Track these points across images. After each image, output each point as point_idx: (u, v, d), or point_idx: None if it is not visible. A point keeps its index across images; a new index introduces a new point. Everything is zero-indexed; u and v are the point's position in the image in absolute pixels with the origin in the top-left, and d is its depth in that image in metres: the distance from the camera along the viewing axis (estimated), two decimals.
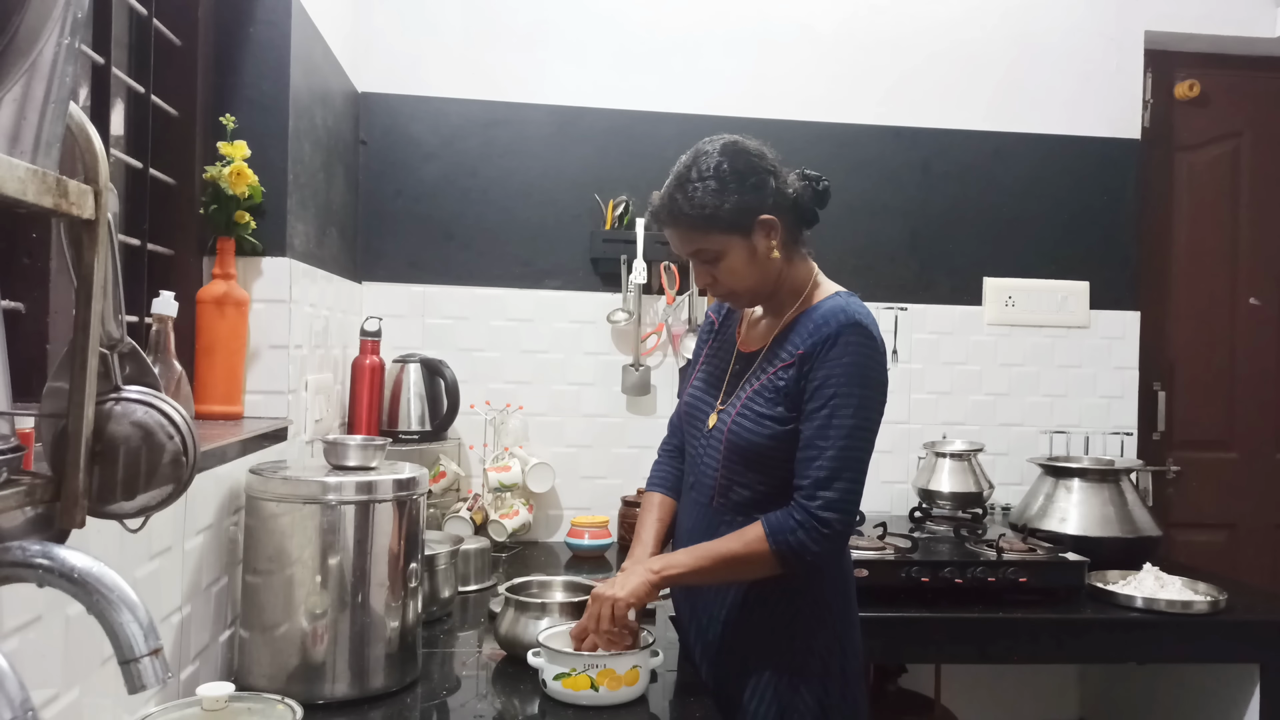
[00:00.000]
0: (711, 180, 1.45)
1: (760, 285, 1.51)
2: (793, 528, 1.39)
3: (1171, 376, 2.95)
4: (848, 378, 1.41)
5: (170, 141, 1.70)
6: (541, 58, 2.68)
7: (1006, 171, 2.82)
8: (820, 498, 1.39)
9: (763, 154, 1.50)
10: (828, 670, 1.49)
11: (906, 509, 2.59)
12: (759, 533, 1.42)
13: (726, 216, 1.45)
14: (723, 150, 1.48)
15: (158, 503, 0.90)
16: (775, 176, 1.49)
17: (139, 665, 0.76)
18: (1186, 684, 2.30)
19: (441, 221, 2.66)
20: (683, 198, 1.46)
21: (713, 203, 1.44)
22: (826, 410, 1.41)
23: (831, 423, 1.41)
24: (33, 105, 0.72)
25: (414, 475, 1.49)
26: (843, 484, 1.40)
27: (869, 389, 1.43)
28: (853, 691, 1.52)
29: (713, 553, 1.45)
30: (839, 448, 1.40)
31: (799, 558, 1.39)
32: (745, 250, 1.47)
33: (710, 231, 1.46)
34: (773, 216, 1.47)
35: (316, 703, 1.36)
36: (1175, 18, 2.85)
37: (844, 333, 1.42)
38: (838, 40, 2.76)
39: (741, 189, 1.45)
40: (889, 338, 2.78)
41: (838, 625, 1.51)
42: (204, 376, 1.69)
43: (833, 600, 1.52)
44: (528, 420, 2.66)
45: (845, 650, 1.52)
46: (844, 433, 1.40)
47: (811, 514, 1.39)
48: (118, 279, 0.88)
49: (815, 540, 1.39)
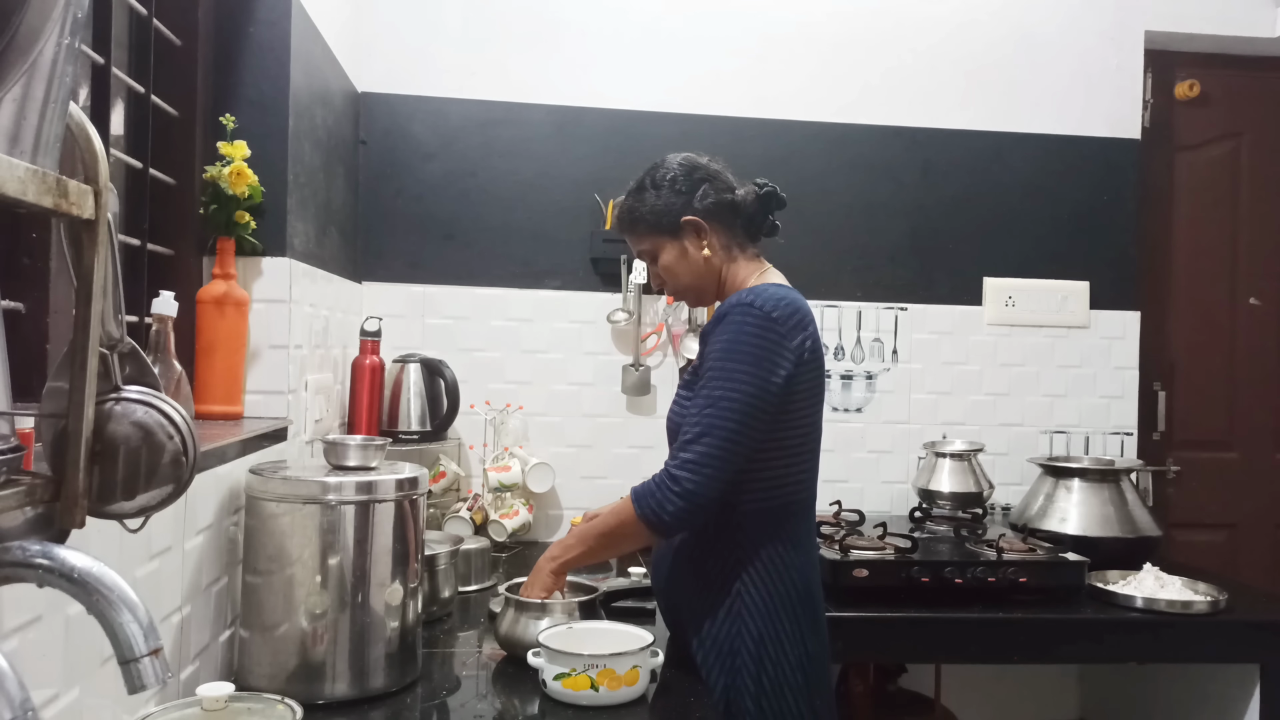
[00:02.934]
0: (647, 189, 1.63)
1: (698, 283, 1.64)
2: (651, 490, 1.50)
3: (1171, 376, 2.95)
4: (722, 352, 1.50)
5: (170, 141, 1.69)
6: (541, 58, 2.68)
7: (1006, 171, 2.82)
8: (679, 458, 1.49)
9: (700, 164, 1.64)
10: (771, 666, 1.52)
11: (906, 509, 2.59)
12: (626, 500, 1.54)
13: (650, 218, 1.62)
14: (669, 162, 1.64)
15: (158, 503, 0.90)
16: (711, 181, 1.61)
17: (139, 665, 0.76)
18: (1186, 684, 2.30)
19: (441, 221, 2.66)
20: (623, 203, 1.67)
21: (638, 206, 1.63)
22: (702, 382, 1.52)
23: (703, 393, 1.50)
24: (33, 105, 0.72)
25: (414, 475, 1.49)
26: (701, 447, 1.47)
27: (739, 361, 1.49)
28: (819, 696, 1.55)
29: (594, 530, 1.59)
30: (703, 413, 1.48)
31: (659, 518, 1.48)
32: (676, 250, 1.62)
33: (640, 233, 1.65)
34: (697, 218, 1.59)
35: (316, 703, 1.36)
36: (1175, 18, 2.84)
37: (731, 311, 1.51)
38: (838, 40, 2.76)
39: (670, 193, 1.61)
40: (889, 338, 2.78)
41: (786, 624, 1.53)
42: (204, 376, 1.69)
43: (775, 599, 1.53)
44: (528, 420, 2.66)
45: (790, 652, 1.53)
46: (709, 402, 1.48)
47: (668, 472, 1.49)
48: (118, 279, 0.88)
49: (669, 499, 1.47)
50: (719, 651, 1.54)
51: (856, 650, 2.04)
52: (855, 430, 2.76)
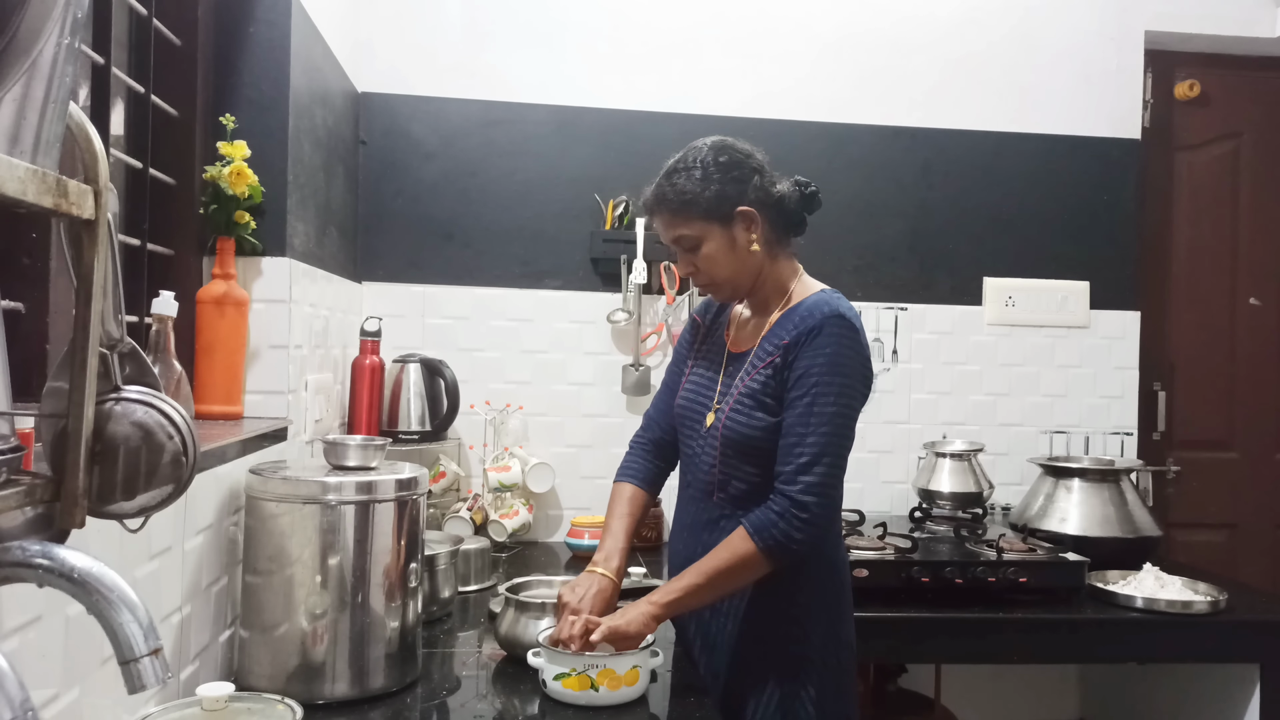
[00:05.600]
0: (697, 170, 1.52)
1: (738, 276, 1.56)
2: (774, 520, 1.42)
3: (1171, 376, 2.95)
4: (829, 366, 1.44)
5: (170, 141, 1.69)
6: (541, 57, 2.68)
7: (1006, 171, 2.82)
8: (800, 482, 1.42)
9: (750, 153, 1.57)
10: (825, 663, 1.51)
11: (906, 509, 2.59)
12: (744, 535, 1.44)
13: (706, 203, 1.51)
14: (712, 145, 1.55)
15: (158, 503, 0.90)
16: (760, 174, 1.55)
17: (139, 665, 0.76)
18: (1186, 684, 2.30)
19: (441, 221, 2.66)
20: (668, 185, 1.54)
21: (694, 189, 1.51)
22: (808, 398, 1.44)
23: (813, 410, 1.44)
24: (33, 105, 0.72)
25: (414, 475, 1.49)
26: (822, 469, 1.42)
27: (850, 378, 1.46)
28: (848, 684, 1.55)
29: (707, 570, 1.45)
30: (820, 434, 1.43)
31: (785, 549, 1.42)
32: (724, 239, 1.53)
33: (690, 217, 1.52)
34: (752, 209, 1.52)
35: (316, 703, 1.36)
36: (1175, 18, 2.85)
37: (827, 324, 1.46)
38: (838, 40, 2.76)
39: (724, 180, 1.51)
40: (889, 338, 2.78)
41: (833, 618, 1.53)
42: (204, 376, 1.69)
43: (827, 593, 1.54)
44: (528, 420, 2.66)
45: (841, 643, 1.54)
46: (825, 419, 1.43)
47: (792, 499, 1.42)
48: (118, 279, 0.88)
49: (797, 528, 1.41)
50: (776, 656, 1.50)
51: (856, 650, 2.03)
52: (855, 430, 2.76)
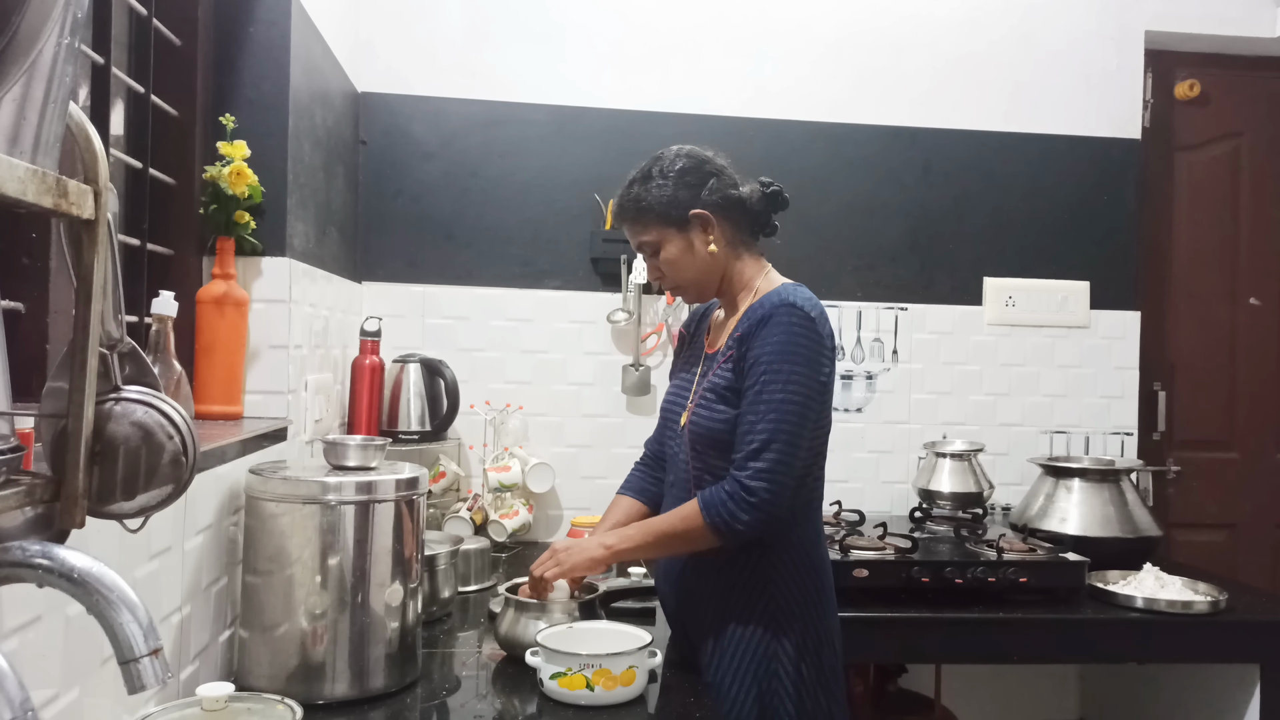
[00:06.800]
0: (654, 178, 1.59)
1: (702, 277, 1.61)
2: (723, 500, 1.47)
3: (1171, 376, 2.95)
4: (777, 354, 1.47)
5: (170, 141, 1.69)
6: (541, 57, 2.68)
7: (1006, 171, 2.82)
8: (749, 468, 1.46)
9: (709, 158, 1.62)
10: (803, 660, 1.52)
11: (906, 509, 2.59)
12: (695, 508, 1.50)
13: (660, 209, 1.58)
14: (669, 152, 1.62)
15: (157, 503, 0.90)
16: (718, 177, 1.59)
17: (139, 665, 0.76)
18: (1186, 684, 2.30)
19: (441, 221, 2.66)
20: (627, 194, 1.62)
21: (649, 197, 1.58)
22: (757, 386, 1.48)
23: (762, 398, 1.47)
24: (33, 105, 0.72)
25: (414, 475, 1.49)
26: (772, 455, 1.45)
27: (798, 364, 1.47)
28: (831, 683, 1.56)
29: (656, 529, 1.56)
30: (768, 420, 1.46)
31: (730, 528, 1.46)
32: (682, 243, 1.59)
33: (648, 224, 1.60)
34: (706, 212, 1.57)
35: (316, 703, 1.36)
36: (1175, 18, 2.84)
37: (776, 313, 1.49)
38: (838, 40, 2.76)
39: (677, 185, 1.57)
40: (889, 338, 2.78)
41: (813, 616, 1.54)
42: (204, 376, 1.69)
43: (806, 591, 1.55)
44: (528, 420, 2.66)
45: (821, 641, 1.55)
46: (773, 406, 1.46)
47: (741, 484, 1.46)
48: (117, 279, 0.88)
49: (744, 509, 1.45)
50: (752, 654, 1.52)
51: (856, 650, 2.02)
52: (855, 430, 2.76)
